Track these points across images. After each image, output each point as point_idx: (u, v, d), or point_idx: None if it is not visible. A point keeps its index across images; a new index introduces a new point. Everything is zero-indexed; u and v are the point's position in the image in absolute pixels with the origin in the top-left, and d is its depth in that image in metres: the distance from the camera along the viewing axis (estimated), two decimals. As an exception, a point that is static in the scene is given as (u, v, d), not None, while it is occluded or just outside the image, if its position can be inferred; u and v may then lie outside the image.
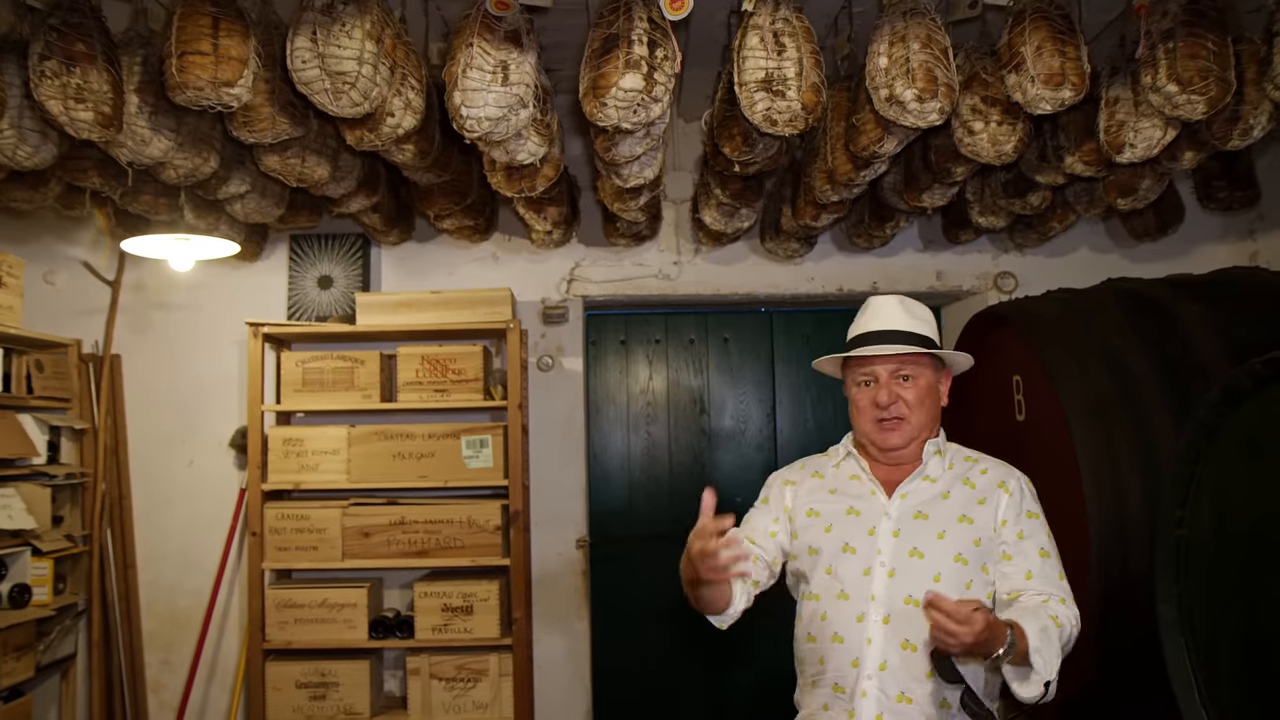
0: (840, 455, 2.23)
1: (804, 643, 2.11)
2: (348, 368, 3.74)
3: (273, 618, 3.66)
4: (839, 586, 2.04)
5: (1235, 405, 2.14)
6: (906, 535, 2.05)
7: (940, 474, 2.13)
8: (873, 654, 1.97)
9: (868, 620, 1.99)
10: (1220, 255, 4.16)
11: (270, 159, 2.86)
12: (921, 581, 1.99)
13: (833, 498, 2.15)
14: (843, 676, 2.00)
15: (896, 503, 2.09)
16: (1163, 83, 2.42)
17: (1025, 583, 2.03)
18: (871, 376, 2.12)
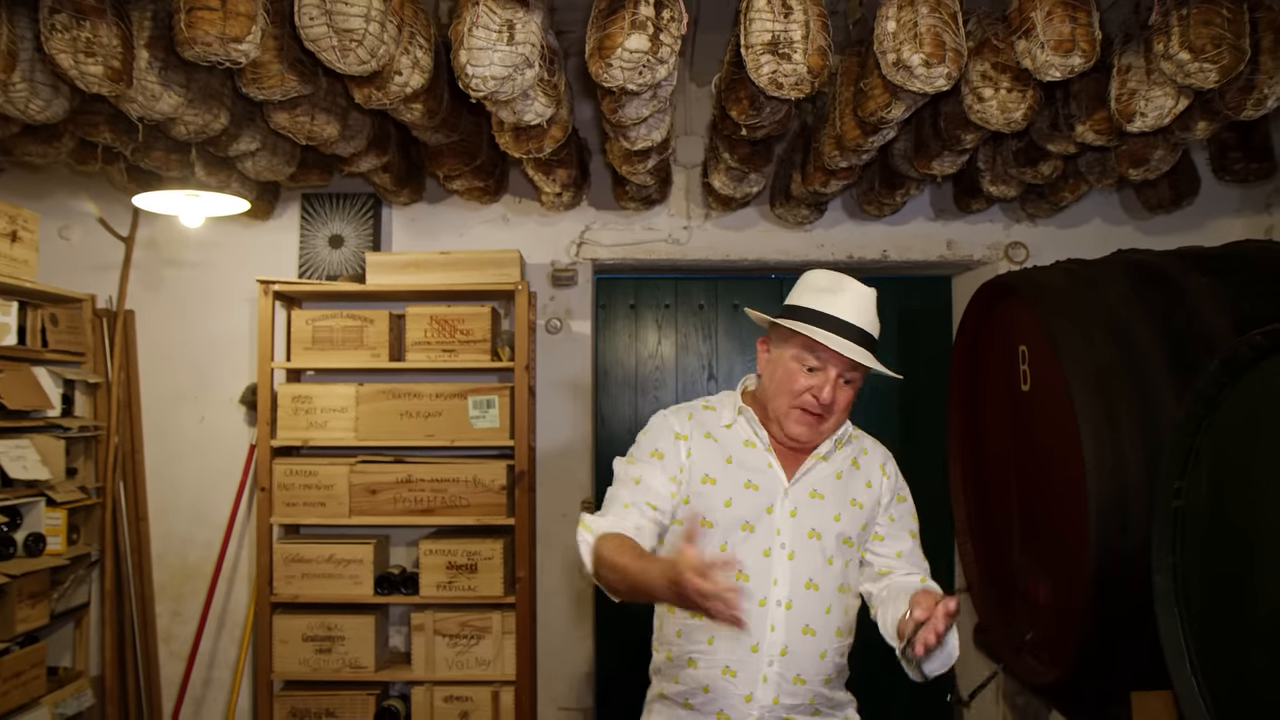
0: (729, 414, 2.09)
1: (684, 617, 1.99)
2: (357, 326, 3.77)
3: (280, 572, 3.72)
4: (737, 567, 1.89)
5: (1236, 376, 2.14)
6: (804, 515, 2.01)
7: (830, 450, 2.08)
8: (775, 640, 1.94)
9: (769, 606, 1.94)
10: (1236, 228, 4.11)
11: (280, 116, 2.86)
12: (817, 565, 1.99)
13: (730, 467, 2.02)
14: (737, 661, 1.94)
15: (795, 481, 2.03)
16: (1175, 50, 2.39)
17: (896, 562, 2.08)
18: (820, 365, 1.98)
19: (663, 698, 2.07)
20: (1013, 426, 3.33)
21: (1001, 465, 3.41)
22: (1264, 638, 2.07)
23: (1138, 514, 2.61)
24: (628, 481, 2.02)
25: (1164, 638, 2.34)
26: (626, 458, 2.10)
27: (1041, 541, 3.14)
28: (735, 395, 2.14)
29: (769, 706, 1.94)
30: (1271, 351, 2.03)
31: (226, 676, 4.05)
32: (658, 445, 2.05)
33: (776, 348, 2.07)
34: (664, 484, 2.00)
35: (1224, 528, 2.20)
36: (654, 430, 2.10)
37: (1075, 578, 2.85)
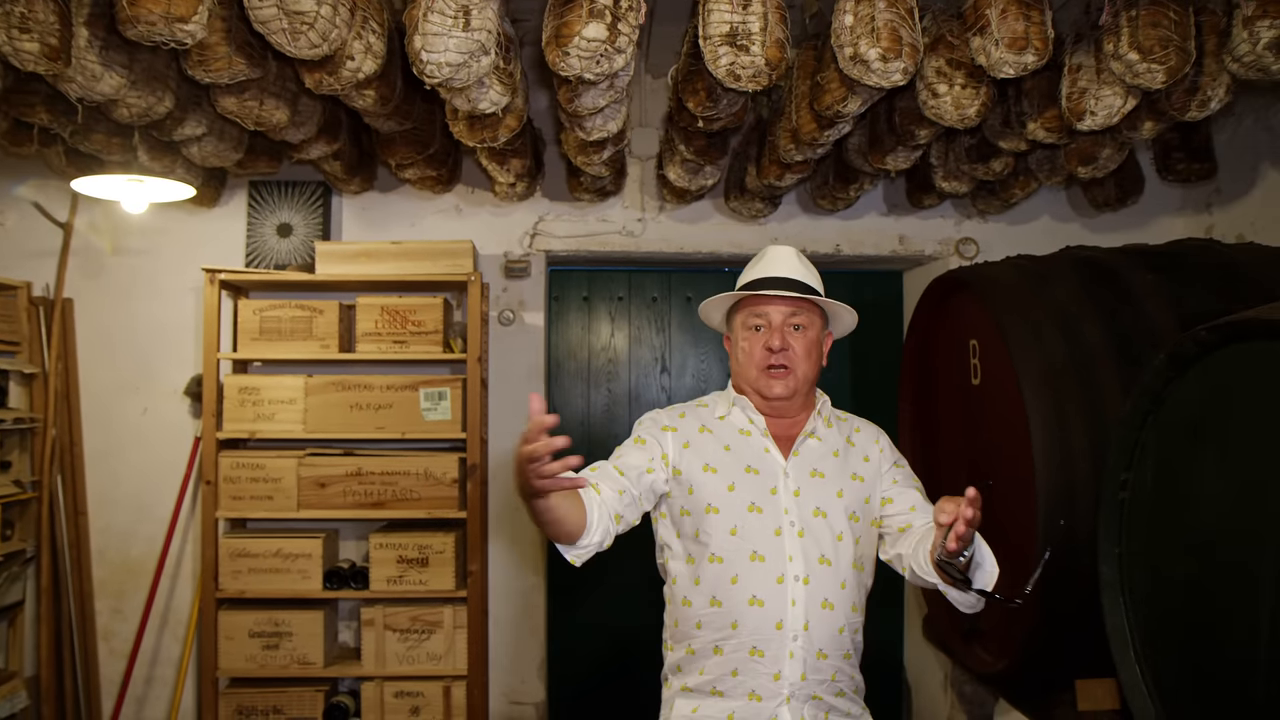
0: (723, 406, 2.17)
1: (703, 608, 2.03)
2: (306, 317, 3.70)
3: (226, 567, 3.64)
4: (750, 547, 2.00)
5: (1181, 371, 2.18)
6: (808, 494, 2.06)
7: (825, 432, 2.15)
8: (797, 615, 1.98)
9: (788, 582, 1.99)
10: (1177, 227, 4.21)
11: (227, 100, 2.79)
12: (827, 541, 2.03)
13: (729, 454, 2.09)
14: (763, 640, 1.97)
15: (792, 461, 2.09)
16: (1124, 50, 2.44)
17: (911, 515, 2.11)
18: (765, 322, 2.10)
19: (686, 691, 2.06)
20: (963, 420, 3.37)
21: (951, 458, 3.45)
22: (1206, 626, 2.12)
23: (1084, 508, 2.66)
24: (606, 460, 2.10)
25: (1109, 626, 2.38)
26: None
27: (991, 535, 3.17)
28: (729, 391, 2.22)
29: (798, 684, 1.97)
30: (1216, 347, 2.08)
31: (170, 674, 3.96)
32: (641, 434, 2.15)
33: (733, 334, 2.21)
34: (641, 461, 2.07)
35: (1168, 520, 2.24)
36: (643, 425, 2.19)
37: (1023, 569, 2.88)
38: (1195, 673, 2.16)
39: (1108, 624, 2.40)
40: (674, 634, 2.13)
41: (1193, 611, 2.16)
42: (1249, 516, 1.98)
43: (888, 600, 4.56)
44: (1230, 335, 2.04)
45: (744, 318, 2.15)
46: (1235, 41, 2.45)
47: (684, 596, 2.07)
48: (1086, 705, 2.92)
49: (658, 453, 2.09)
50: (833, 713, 2.02)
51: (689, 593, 2.06)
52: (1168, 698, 2.26)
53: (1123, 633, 2.38)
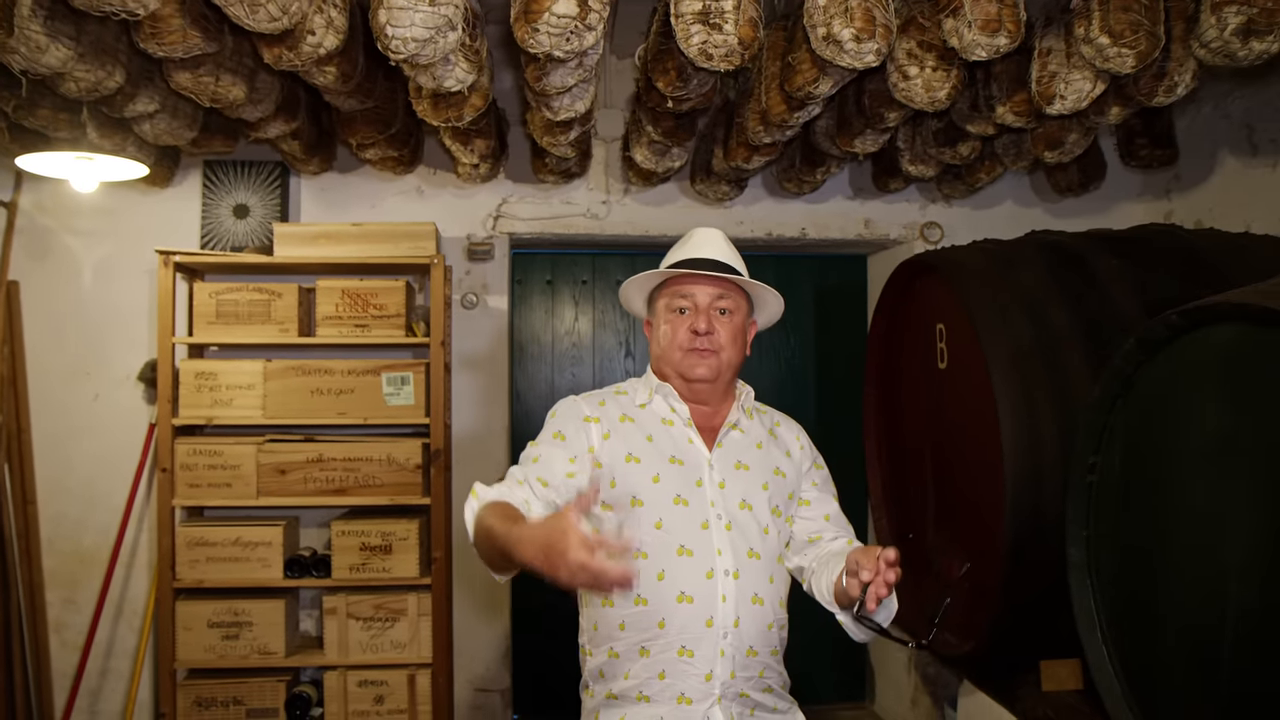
0: (644, 394, 2.06)
1: (626, 607, 1.91)
2: (264, 300, 3.61)
3: (184, 556, 3.55)
4: (677, 541, 1.90)
5: (1150, 355, 2.20)
6: (732, 486, 1.99)
7: (747, 424, 2.10)
8: (728, 611, 1.89)
9: (718, 576, 1.90)
10: (1138, 213, 4.26)
11: (181, 76, 2.70)
12: (754, 534, 1.97)
13: (651, 445, 1.99)
14: (693, 639, 1.88)
15: (717, 452, 2.02)
16: (1095, 34, 2.43)
17: (824, 525, 2.08)
18: (690, 304, 2.02)
19: (611, 698, 1.94)
20: (928, 404, 3.38)
21: (917, 441, 3.47)
22: (1170, 607, 2.14)
23: (1051, 491, 2.68)
24: (527, 459, 1.95)
25: (1076, 607, 2.41)
26: (532, 441, 2.02)
27: (956, 516, 3.20)
28: (649, 376, 2.11)
29: (728, 681, 1.89)
30: (1185, 331, 2.09)
31: (125, 666, 3.87)
32: (561, 427, 1.99)
33: (654, 317, 2.12)
34: (561, 463, 1.92)
35: (1135, 502, 2.26)
36: (560, 414, 2.03)
37: (990, 552, 2.91)
38: (1161, 653, 2.18)
39: (1075, 605, 2.42)
40: (593, 638, 1.99)
41: (1159, 593, 2.18)
42: (1215, 499, 2.00)
43: (852, 583, 4.58)
44: (1199, 319, 2.06)
45: (668, 300, 2.06)
46: (1203, 27, 2.46)
47: (604, 596, 1.93)
48: (1051, 685, 2.96)
49: (581, 448, 1.95)
50: (759, 709, 1.95)
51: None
52: (1133, 677, 2.29)
53: (1090, 614, 2.41)
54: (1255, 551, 1.90)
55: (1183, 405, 2.12)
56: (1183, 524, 2.10)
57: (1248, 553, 1.92)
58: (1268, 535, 1.87)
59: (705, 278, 2.02)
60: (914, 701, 4.12)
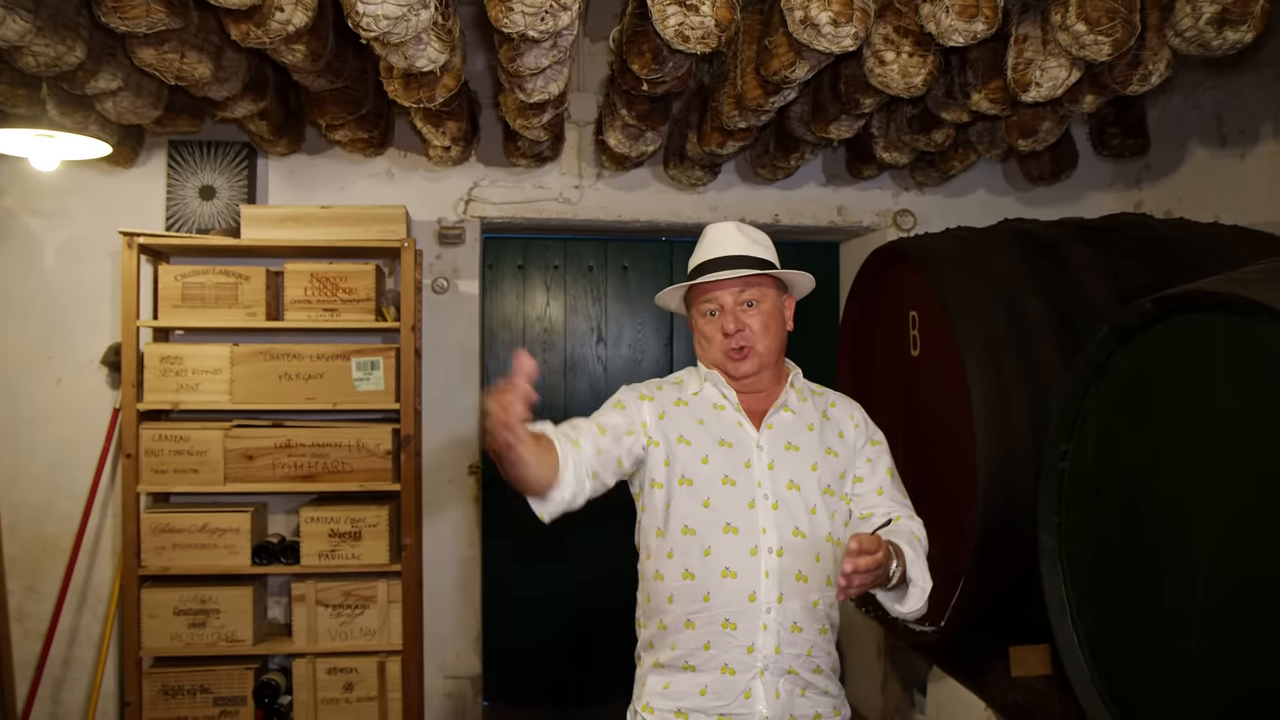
0: (695, 383, 2.14)
1: (675, 581, 1.99)
2: (231, 283, 3.55)
3: (149, 543, 3.50)
4: (723, 519, 1.97)
5: (1124, 343, 2.21)
6: (781, 467, 2.03)
7: (798, 405, 2.13)
8: (770, 587, 1.94)
9: (761, 554, 1.95)
10: (1108, 202, 4.28)
11: (145, 52, 2.63)
12: (801, 513, 2.00)
13: (702, 428, 2.06)
14: (735, 612, 1.94)
15: (765, 434, 2.06)
16: (1072, 21, 2.43)
17: (877, 500, 2.10)
18: (717, 305, 2.08)
19: (658, 667, 2.02)
20: (901, 391, 3.38)
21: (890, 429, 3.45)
22: (1140, 595, 2.16)
23: (1023, 479, 2.69)
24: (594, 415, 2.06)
25: (1048, 594, 2.42)
26: None
27: (928, 503, 3.21)
28: (700, 367, 2.17)
29: (772, 656, 1.93)
30: (1158, 319, 2.10)
31: (89, 655, 3.80)
32: (621, 399, 2.10)
33: (693, 321, 2.18)
34: (623, 424, 2.03)
35: (1106, 490, 2.27)
36: (619, 395, 2.13)
37: (961, 540, 2.92)
38: (1130, 640, 2.20)
39: (1046, 592, 2.43)
40: (646, 610, 2.08)
41: (1129, 579, 2.20)
42: (1185, 486, 2.02)
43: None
44: (1172, 308, 2.07)
45: (698, 306, 2.12)
46: (1178, 15, 2.47)
47: (656, 570, 2.03)
48: (1020, 671, 2.98)
49: (637, 420, 2.05)
50: (810, 689, 1.99)
51: (661, 565, 2.02)
52: (1103, 663, 2.31)
53: (1060, 600, 2.43)
54: (1225, 540, 1.91)
55: (1154, 393, 2.13)
56: (1154, 512, 2.11)
57: (1218, 541, 1.93)
58: (1237, 524, 1.88)
59: (722, 281, 2.06)
60: (884, 687, 4.14)
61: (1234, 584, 1.89)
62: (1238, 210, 3.59)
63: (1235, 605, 1.89)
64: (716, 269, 2.06)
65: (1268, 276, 1.97)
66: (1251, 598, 1.85)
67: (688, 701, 1.96)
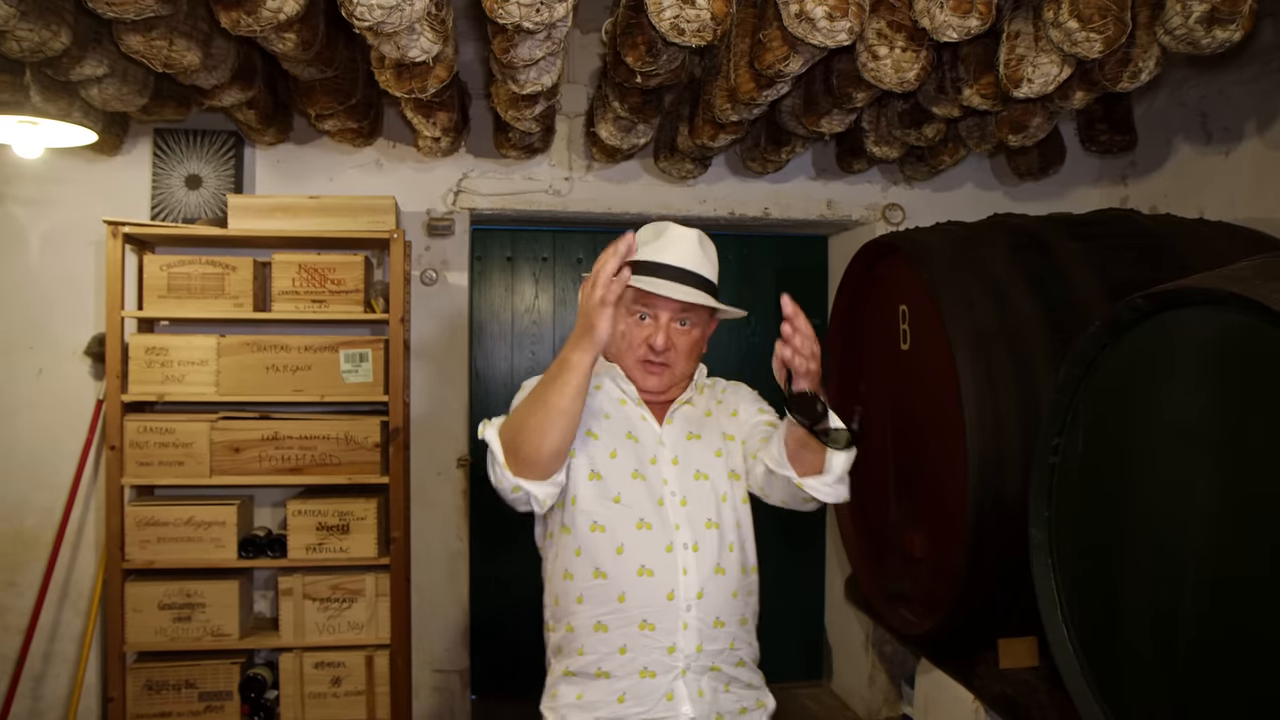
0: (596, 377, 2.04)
1: (585, 580, 1.89)
2: (218, 274, 3.51)
3: (133, 536, 3.46)
4: (635, 515, 1.89)
5: (1115, 338, 2.22)
6: (686, 459, 1.99)
7: (696, 397, 2.09)
8: (690, 584, 1.89)
9: (677, 550, 1.90)
10: (1094, 198, 4.31)
11: (132, 39, 2.59)
12: (711, 503, 1.97)
13: (609, 422, 1.99)
14: (654, 612, 1.86)
15: (667, 429, 2.02)
16: (1064, 18, 2.44)
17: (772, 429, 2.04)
18: (652, 314, 1.97)
19: (569, 675, 1.92)
20: (890, 384, 3.39)
21: (879, 422, 3.48)
22: (1130, 588, 2.18)
23: (1012, 474, 2.71)
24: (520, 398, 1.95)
25: (1038, 587, 2.44)
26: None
27: (918, 497, 3.23)
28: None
29: (693, 655, 1.88)
30: (1151, 314, 2.11)
31: (71, 650, 3.76)
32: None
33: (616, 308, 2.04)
34: None
35: (1097, 484, 2.29)
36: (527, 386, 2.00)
37: (951, 533, 2.94)
38: (1120, 632, 2.22)
39: (1037, 585, 2.45)
40: (554, 612, 1.97)
41: (1119, 573, 2.22)
42: (1175, 481, 2.03)
43: (809, 562, 4.62)
44: (1165, 303, 2.08)
45: (628, 303, 1.98)
46: (1168, 14, 2.48)
47: (564, 570, 1.93)
48: (1009, 663, 3.00)
49: None
50: (734, 684, 1.95)
51: (570, 564, 1.92)
52: (1092, 655, 2.33)
53: (1051, 593, 2.44)
54: (1214, 534, 1.93)
55: (1145, 388, 2.15)
56: (1143, 506, 2.13)
57: (1207, 535, 1.95)
58: (1226, 520, 1.90)
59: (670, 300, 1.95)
60: (871, 679, 4.17)
61: (1223, 579, 1.91)
62: (1222, 206, 3.62)
63: (1224, 600, 1.91)
64: (670, 278, 1.94)
65: (1259, 273, 1.98)
66: (1239, 593, 1.87)
67: (605, 711, 1.87)
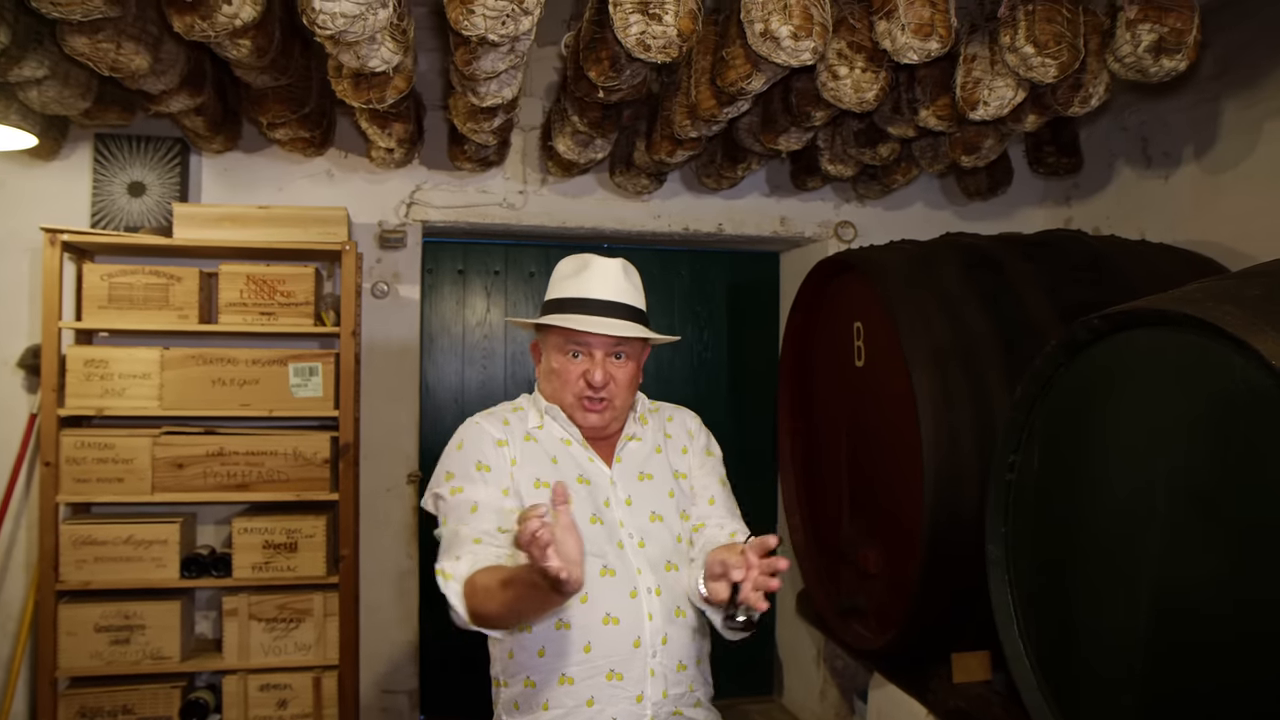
0: (536, 416, 1.99)
1: (547, 632, 1.82)
2: (162, 284, 3.41)
3: (69, 556, 3.33)
4: (599, 562, 1.83)
5: (1071, 358, 2.26)
6: (640, 501, 1.96)
7: (642, 431, 2.05)
8: (655, 629, 1.85)
9: (641, 595, 1.85)
10: (1039, 218, 4.41)
11: (78, 40, 2.50)
12: (668, 544, 1.94)
13: (556, 467, 1.92)
14: (620, 661, 1.83)
15: (617, 469, 1.98)
16: (1021, 43, 2.50)
17: (709, 509, 2.03)
18: (585, 351, 1.92)
19: None
20: (844, 400, 3.42)
21: (833, 438, 3.51)
22: (1085, 603, 2.21)
23: (969, 491, 2.74)
24: (462, 512, 1.82)
25: (995, 602, 2.47)
26: (445, 479, 1.89)
27: (872, 513, 3.26)
28: (537, 397, 2.03)
29: (660, 701, 1.84)
30: (1107, 334, 2.16)
31: (-1, 674, 3.61)
32: (480, 457, 1.89)
33: (544, 346, 2.01)
34: (500, 500, 1.85)
35: (1052, 501, 2.33)
36: (470, 441, 1.93)
37: (907, 549, 2.96)
38: (1076, 647, 2.25)
39: (994, 600, 2.48)
40: (508, 667, 1.89)
41: (1074, 589, 2.25)
42: (1128, 499, 2.08)
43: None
44: (1122, 324, 2.12)
45: (560, 339, 1.93)
46: (1118, 42, 2.55)
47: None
48: (962, 677, 3.03)
49: (506, 479, 1.88)
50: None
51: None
52: (1049, 671, 2.36)
53: (1007, 609, 2.47)
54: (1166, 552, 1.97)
55: (1099, 407, 2.19)
56: (1098, 523, 2.17)
57: (1159, 553, 1.99)
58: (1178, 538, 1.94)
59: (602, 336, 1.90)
60: (823, 695, 4.19)
61: (1175, 596, 1.95)
62: (1162, 228, 3.73)
63: (1175, 617, 1.95)
64: (597, 313, 1.90)
65: (1210, 295, 2.04)
66: (1190, 609, 1.91)
67: None
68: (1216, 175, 3.54)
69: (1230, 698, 1.83)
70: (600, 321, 1.88)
